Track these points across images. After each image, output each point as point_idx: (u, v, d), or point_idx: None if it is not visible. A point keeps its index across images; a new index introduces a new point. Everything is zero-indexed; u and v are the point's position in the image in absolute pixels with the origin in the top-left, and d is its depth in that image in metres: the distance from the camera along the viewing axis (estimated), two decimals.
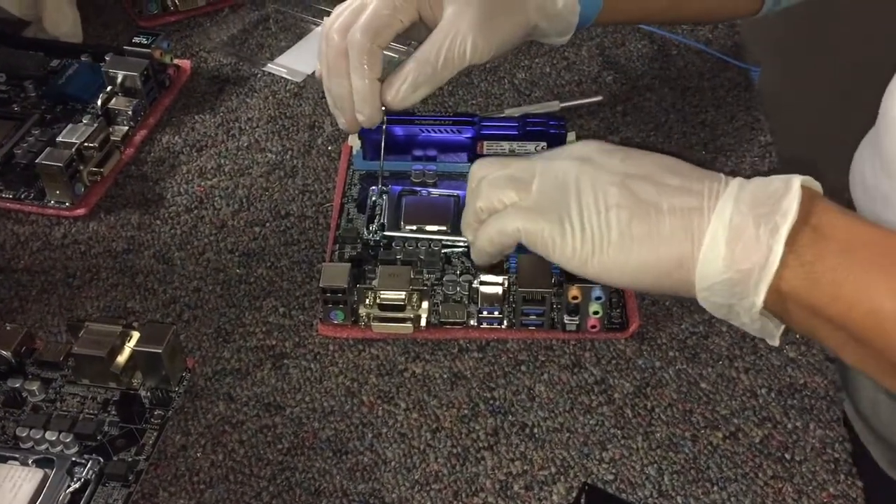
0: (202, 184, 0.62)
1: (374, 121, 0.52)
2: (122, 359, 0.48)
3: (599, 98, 0.67)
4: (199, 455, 0.47)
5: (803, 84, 1.29)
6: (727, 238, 0.40)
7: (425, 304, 0.52)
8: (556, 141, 0.59)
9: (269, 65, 0.71)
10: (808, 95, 1.30)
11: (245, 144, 0.65)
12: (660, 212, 0.41)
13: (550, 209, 0.43)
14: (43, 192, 0.59)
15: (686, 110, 0.67)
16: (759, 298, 0.40)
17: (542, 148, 0.59)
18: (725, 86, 0.69)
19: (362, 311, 0.51)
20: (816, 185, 0.42)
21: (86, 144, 0.59)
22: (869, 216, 0.61)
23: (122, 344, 0.49)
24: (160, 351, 0.47)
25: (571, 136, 0.60)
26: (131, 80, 0.64)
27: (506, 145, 0.60)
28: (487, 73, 0.71)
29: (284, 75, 0.70)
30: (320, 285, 0.50)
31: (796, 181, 0.40)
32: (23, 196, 0.59)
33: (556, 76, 0.70)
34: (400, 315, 0.51)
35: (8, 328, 0.50)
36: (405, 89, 0.50)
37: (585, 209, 0.43)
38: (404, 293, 0.50)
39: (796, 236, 0.39)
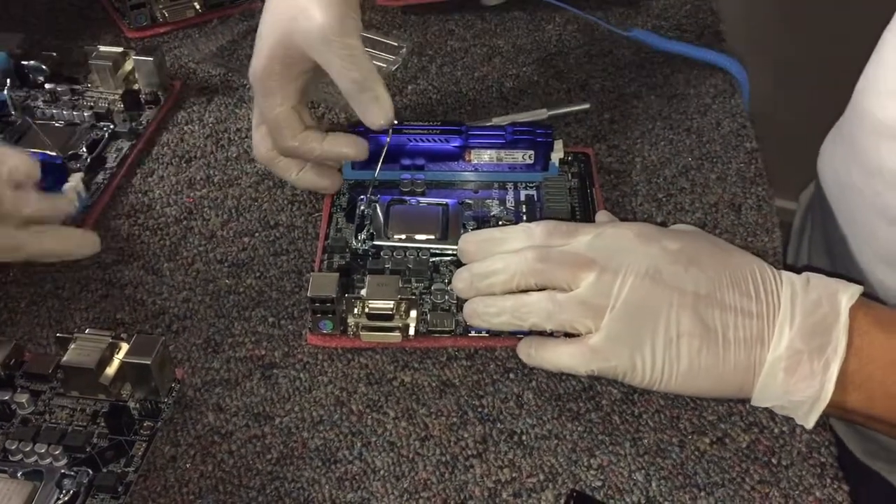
0: (191, 195, 0.62)
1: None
2: (111, 370, 0.49)
3: (587, 105, 0.68)
4: (188, 466, 0.47)
5: (789, 87, 1.30)
6: (784, 368, 0.44)
7: (413, 313, 0.52)
8: (543, 149, 0.60)
9: None
10: (794, 99, 1.31)
11: (234, 155, 0.65)
12: (726, 341, 0.44)
13: (623, 344, 0.45)
14: None
15: (672, 117, 0.68)
16: (810, 424, 0.45)
17: (530, 157, 0.60)
18: (711, 93, 0.70)
19: (351, 320, 0.52)
20: (857, 291, 0.45)
21: None
22: (837, 207, 0.62)
23: (111, 355, 0.49)
24: (149, 362, 0.47)
25: (558, 144, 0.60)
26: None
27: (493, 154, 0.60)
28: (476, 81, 0.71)
29: None
30: (308, 295, 0.50)
31: (843, 311, 0.44)
32: None
33: (544, 84, 0.71)
34: (388, 324, 0.51)
35: None
36: (387, 111, 0.53)
37: (658, 342, 0.44)
38: (392, 302, 0.51)
39: (846, 363, 0.44)
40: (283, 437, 0.48)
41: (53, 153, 0.61)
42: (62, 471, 0.45)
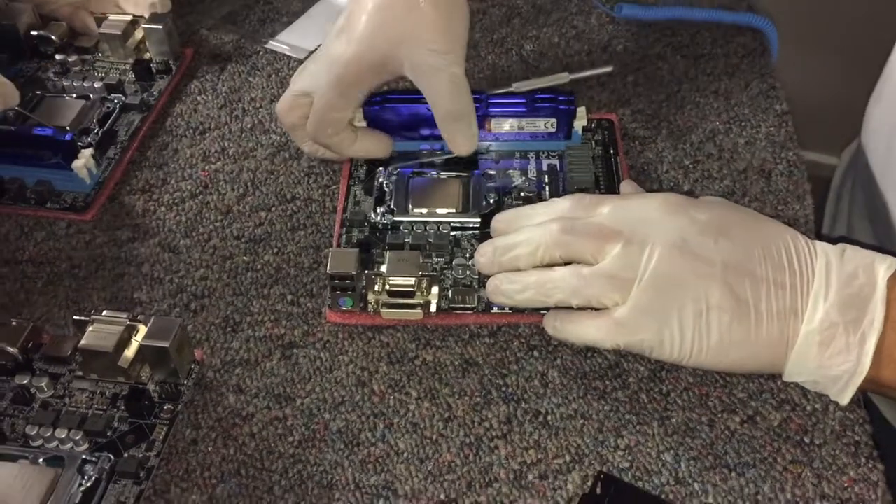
0: (206, 168, 0.61)
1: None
2: (129, 353, 0.48)
3: (610, 68, 0.65)
4: (209, 449, 0.46)
5: (818, 46, 1.27)
6: (818, 342, 0.42)
7: (435, 290, 0.51)
8: (565, 117, 0.58)
9: (270, 42, 0.70)
10: (822, 58, 1.27)
11: (249, 126, 0.63)
12: (758, 313, 0.43)
13: (650, 317, 0.43)
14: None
15: (699, 79, 0.65)
16: (845, 400, 0.44)
17: (552, 125, 0.58)
18: (739, 52, 0.67)
19: (371, 297, 0.50)
20: (894, 263, 0.43)
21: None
22: (879, 172, 0.60)
23: (129, 338, 0.48)
24: (167, 346, 0.46)
25: (581, 111, 0.58)
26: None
27: (514, 122, 0.58)
28: (494, 44, 0.69)
29: (287, 52, 0.69)
30: (328, 271, 0.49)
31: (881, 282, 0.43)
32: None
33: (566, 46, 0.68)
34: (410, 301, 0.50)
35: (14, 323, 0.49)
36: (475, 141, 0.55)
37: (687, 315, 0.43)
38: (413, 279, 0.49)
39: (883, 337, 0.42)
40: (305, 419, 0.47)
41: (64, 128, 0.60)
42: (83, 456, 0.45)
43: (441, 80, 0.52)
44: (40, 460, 0.45)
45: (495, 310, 0.51)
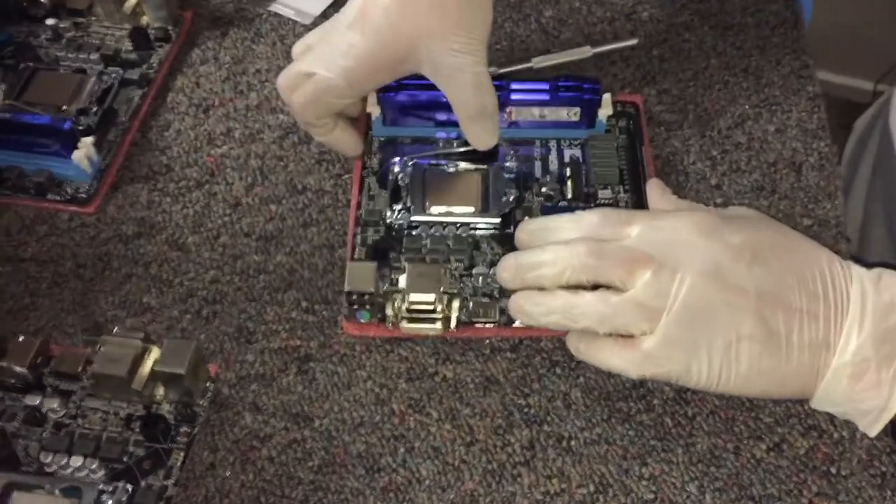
0: (212, 152, 0.58)
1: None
2: (143, 373, 0.47)
3: (634, 41, 0.62)
4: (227, 474, 0.46)
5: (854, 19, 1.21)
6: (849, 375, 0.41)
7: (456, 304, 0.49)
8: (589, 106, 0.55)
9: (274, 4, 0.66)
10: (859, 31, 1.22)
11: (255, 103, 0.60)
12: (789, 344, 0.42)
13: (679, 348, 0.42)
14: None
15: (728, 53, 0.62)
16: (874, 432, 0.43)
17: (575, 114, 0.55)
18: (771, 22, 0.64)
19: (389, 311, 0.49)
20: None
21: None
22: None
23: (143, 358, 0.47)
24: (182, 372, 0.45)
25: (606, 98, 0.55)
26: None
27: (536, 111, 0.56)
28: (512, 9, 0.65)
29: (292, 17, 0.65)
30: (346, 289, 0.48)
31: None
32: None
33: (587, 13, 0.65)
34: (430, 316, 0.49)
35: (21, 339, 0.48)
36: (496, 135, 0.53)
37: (717, 346, 0.42)
38: (434, 295, 0.48)
39: None
40: (324, 442, 0.47)
41: (60, 109, 0.57)
42: (100, 486, 0.44)
43: (464, 80, 0.49)
44: (57, 491, 0.44)
45: (517, 323, 0.49)
